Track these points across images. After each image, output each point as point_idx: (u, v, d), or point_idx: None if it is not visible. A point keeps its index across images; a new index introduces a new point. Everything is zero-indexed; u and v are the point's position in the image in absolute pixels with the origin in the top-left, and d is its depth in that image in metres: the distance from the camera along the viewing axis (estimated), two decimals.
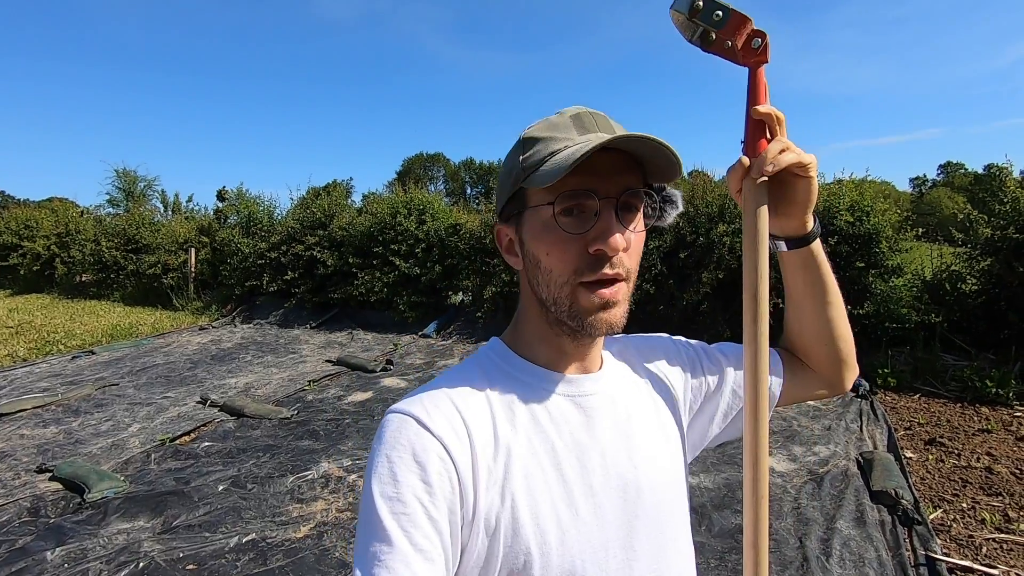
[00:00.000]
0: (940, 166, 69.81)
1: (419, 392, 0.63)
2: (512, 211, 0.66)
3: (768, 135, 0.65)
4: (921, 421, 4.25)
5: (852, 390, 4.88)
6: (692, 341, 0.84)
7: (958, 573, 2.49)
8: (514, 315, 0.72)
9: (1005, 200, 4.94)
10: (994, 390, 4.48)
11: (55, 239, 12.59)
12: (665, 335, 0.84)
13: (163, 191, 29.03)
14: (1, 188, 58.86)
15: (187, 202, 24.98)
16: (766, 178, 0.63)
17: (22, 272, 12.84)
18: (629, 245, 0.61)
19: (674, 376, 0.78)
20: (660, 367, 0.77)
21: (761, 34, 0.64)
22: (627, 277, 0.62)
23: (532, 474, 0.60)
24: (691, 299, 5.79)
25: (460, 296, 8.12)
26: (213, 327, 8.61)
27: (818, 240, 0.74)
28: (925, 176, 70.46)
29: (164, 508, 3.04)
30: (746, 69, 0.67)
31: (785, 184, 0.66)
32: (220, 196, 13.35)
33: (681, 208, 0.67)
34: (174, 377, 5.70)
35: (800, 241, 0.72)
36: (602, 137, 0.57)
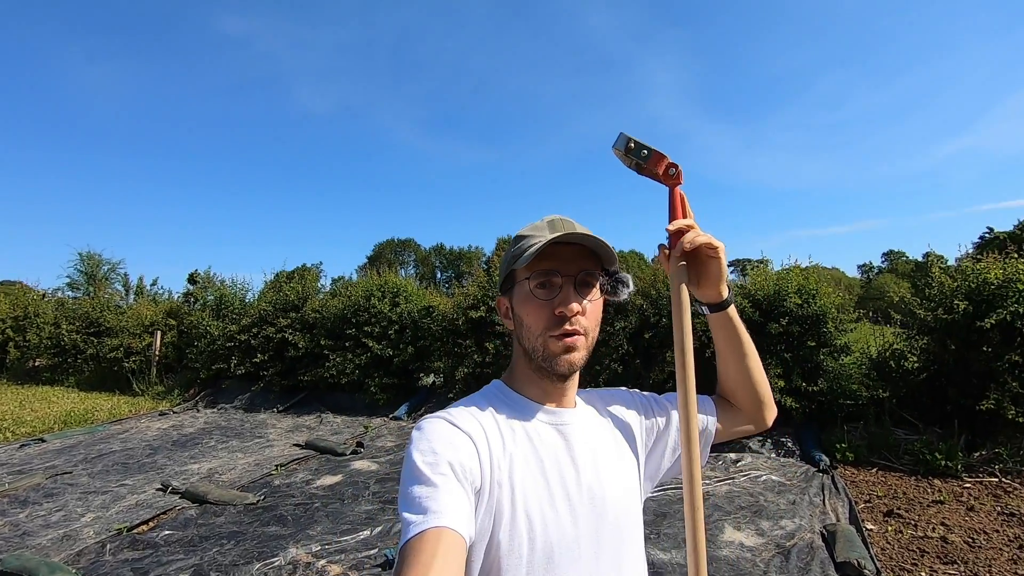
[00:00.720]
0: (884, 254, 74.72)
1: (442, 410, 0.82)
2: (507, 286, 0.90)
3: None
4: (879, 494, 4.41)
5: (813, 464, 5.05)
6: (644, 392, 1.06)
7: None
8: (509, 364, 0.93)
9: (932, 284, 5.44)
10: (943, 463, 4.71)
11: (11, 322, 12.19)
12: (623, 388, 1.06)
13: (126, 274, 28.60)
14: None
15: (151, 285, 24.61)
16: (684, 262, 0.89)
17: None
18: (585, 311, 0.84)
19: (631, 418, 0.98)
20: (619, 411, 0.98)
21: (675, 166, 0.93)
22: (585, 333, 0.84)
23: (526, 477, 0.77)
24: (657, 378, 6.00)
25: (432, 377, 8.14)
26: (175, 412, 8.32)
27: (733, 306, 0.98)
28: (871, 263, 75.26)
29: None
30: (669, 188, 0.95)
31: (701, 263, 0.91)
32: (191, 279, 13.31)
33: (632, 288, 0.88)
34: (132, 464, 5.47)
35: (718, 307, 0.96)
36: (559, 235, 0.82)
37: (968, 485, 4.47)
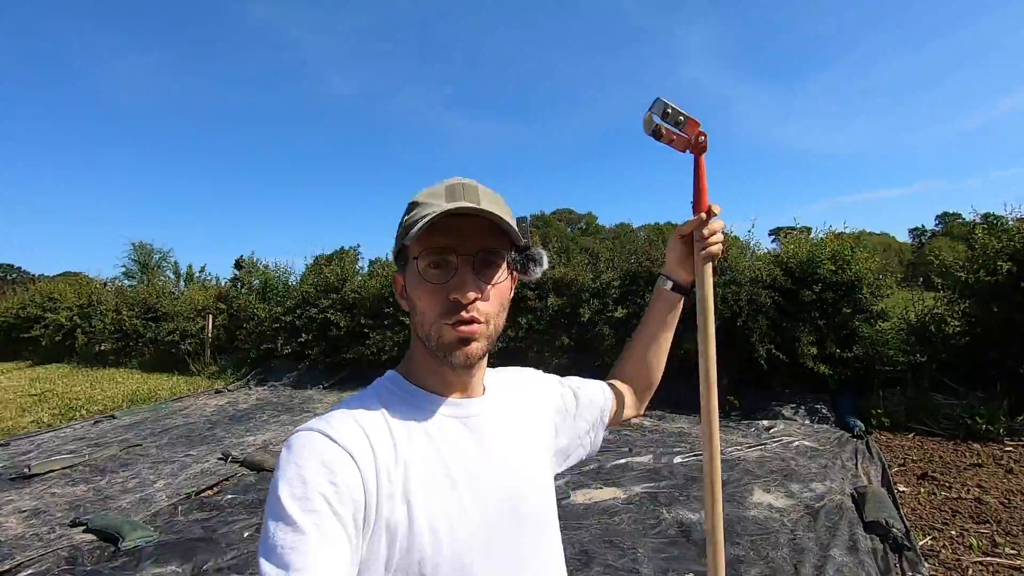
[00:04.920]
0: (938, 216, 70.94)
1: (322, 416, 0.70)
2: (400, 262, 0.77)
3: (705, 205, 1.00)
4: (915, 458, 4.40)
5: (848, 431, 5.05)
6: (552, 375, 1.01)
7: None
8: (408, 351, 0.82)
9: (975, 246, 5.28)
10: (984, 426, 4.64)
11: (77, 310, 13.05)
12: (533, 369, 0.99)
13: (176, 263, 29.97)
14: (18, 264, 60.53)
15: (200, 272, 25.76)
16: (711, 248, 0.98)
17: (43, 343, 13.22)
18: (486, 295, 0.72)
19: (544, 399, 0.92)
20: (531, 393, 0.91)
21: (704, 134, 1.01)
22: (485, 320, 0.72)
23: (426, 484, 0.68)
24: (689, 348, 6.02)
25: None
26: (229, 390, 8.86)
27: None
28: (923, 227, 71.55)
29: (193, 554, 3.22)
30: (685, 155, 1.04)
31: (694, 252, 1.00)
32: (238, 264, 13.92)
33: (546, 266, 0.80)
34: (194, 437, 5.92)
35: (683, 290, 1.04)
36: (454, 205, 0.68)
37: (1009, 448, 4.41)
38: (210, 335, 10.83)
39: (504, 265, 0.75)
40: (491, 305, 0.73)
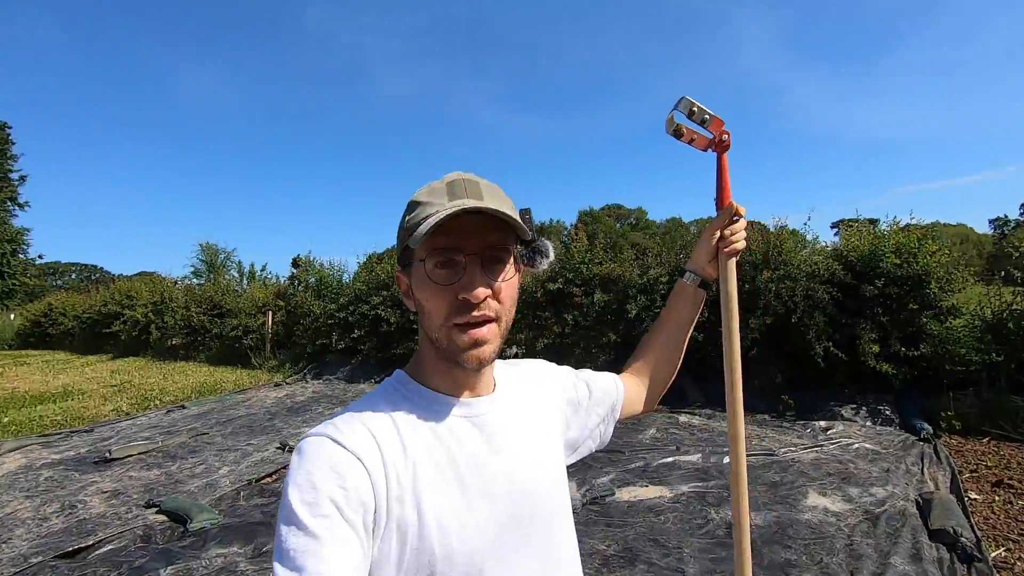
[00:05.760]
0: (1022, 204, 65.44)
1: (330, 419, 0.70)
2: (405, 262, 0.76)
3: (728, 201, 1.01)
4: (989, 464, 4.11)
5: (913, 433, 4.78)
6: (564, 367, 1.01)
7: None
8: (415, 352, 0.81)
9: None
10: None
11: (151, 307, 13.99)
12: (544, 361, 0.98)
13: (239, 262, 31.58)
14: (99, 264, 65.40)
15: (261, 271, 27.02)
16: (736, 246, 1.00)
17: (123, 338, 14.26)
18: (497, 292, 0.71)
19: (553, 392, 0.92)
20: (541, 386, 0.91)
21: (728, 132, 1.01)
22: (497, 318, 0.72)
23: (435, 484, 0.68)
24: (740, 346, 5.85)
25: (514, 348, 8.44)
26: (287, 383, 9.27)
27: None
28: (1006, 216, 66.14)
29: (254, 536, 3.41)
30: (705, 153, 1.04)
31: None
32: (295, 263, 14.53)
33: (552, 257, 0.80)
34: (255, 427, 6.24)
35: (707, 284, 1.05)
36: (458, 205, 0.68)
37: None
38: (270, 331, 11.37)
39: (511, 260, 0.74)
40: (503, 302, 0.73)
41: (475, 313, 0.69)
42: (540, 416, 0.86)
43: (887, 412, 5.27)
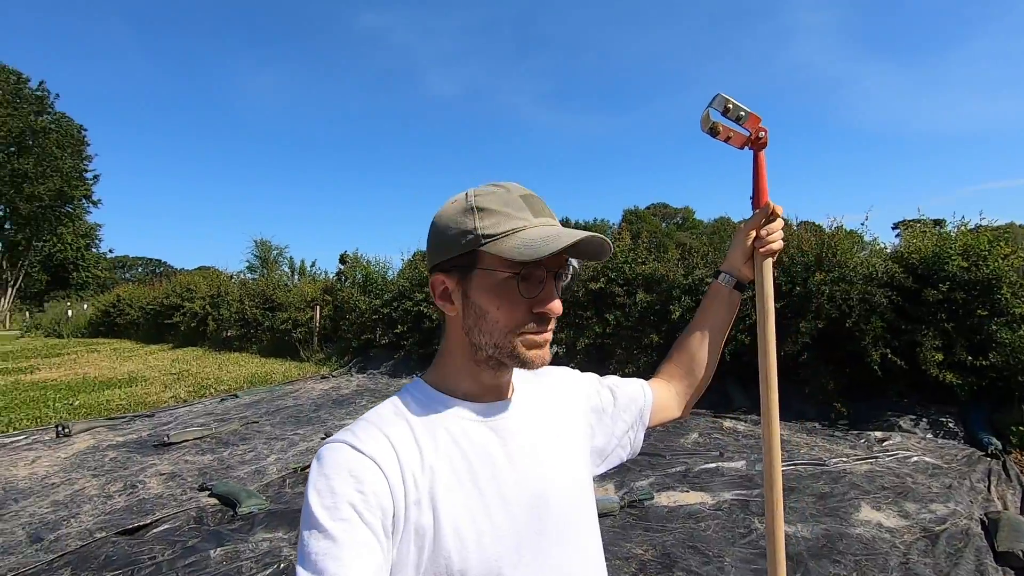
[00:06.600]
0: None
1: (347, 428, 0.71)
2: (457, 265, 0.73)
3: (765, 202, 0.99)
4: None
5: (980, 448, 4.48)
6: (589, 374, 0.99)
7: None
8: (436, 357, 0.81)
9: None
10: None
11: (208, 300, 14.70)
12: (568, 368, 0.98)
13: (291, 257, 32.74)
14: (163, 259, 69.15)
15: (311, 267, 27.92)
16: (772, 257, 0.98)
17: (182, 328, 15.04)
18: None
19: (576, 397, 0.91)
20: (563, 391, 0.90)
21: (765, 130, 0.98)
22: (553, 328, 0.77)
23: (453, 489, 0.69)
24: (789, 349, 5.64)
25: (554, 348, 8.41)
26: (333, 376, 9.55)
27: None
28: None
29: (298, 523, 3.53)
30: (741, 150, 1.01)
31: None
32: (342, 260, 14.96)
33: (578, 273, 0.87)
34: (302, 417, 6.46)
35: (742, 286, 1.03)
36: (560, 228, 0.72)
37: None
38: (318, 324, 11.74)
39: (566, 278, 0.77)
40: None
41: (551, 327, 0.74)
42: (562, 423, 0.85)
43: (951, 424, 4.96)
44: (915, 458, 4.38)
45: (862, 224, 6.55)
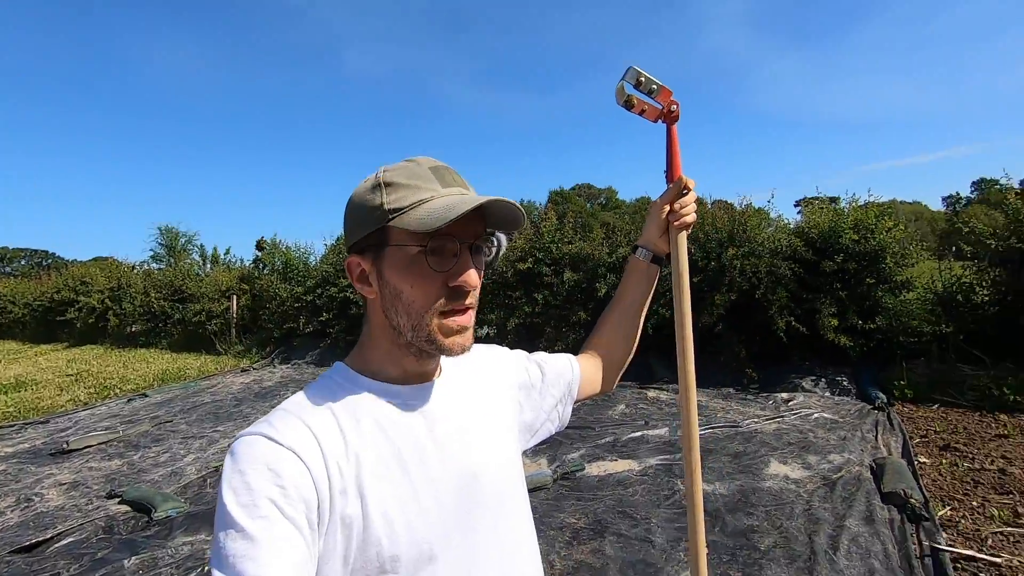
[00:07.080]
0: (973, 183, 68.09)
1: (263, 419, 0.68)
2: (369, 245, 0.71)
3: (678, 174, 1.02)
4: (937, 429, 4.33)
5: (869, 402, 4.99)
6: (517, 350, 0.99)
7: (962, 563, 2.61)
8: (359, 340, 0.78)
9: (1008, 212, 5.09)
10: (1012, 397, 4.54)
11: (108, 293, 13.46)
12: (495, 346, 0.97)
13: (202, 245, 30.63)
14: (52, 250, 62.52)
15: (224, 254, 26.25)
16: (686, 219, 1.01)
17: (78, 325, 13.70)
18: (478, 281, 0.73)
19: (505, 375, 0.91)
20: (493, 371, 0.89)
21: (677, 103, 1.01)
22: (474, 306, 0.74)
23: (380, 476, 0.67)
24: (706, 322, 5.99)
25: (485, 329, 8.45)
26: (254, 369, 9.09)
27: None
28: (958, 194, 68.80)
29: None
30: (655, 124, 1.04)
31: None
32: (259, 246, 14.15)
33: (504, 248, 0.79)
34: (222, 413, 6.11)
35: (659, 259, 1.05)
36: (470, 195, 0.70)
37: None
38: (235, 315, 11.09)
39: (485, 250, 0.75)
40: (478, 292, 0.74)
41: (467, 301, 0.71)
42: (489, 400, 0.84)
43: (845, 383, 5.49)
44: (815, 415, 4.82)
45: (768, 202, 7.05)
